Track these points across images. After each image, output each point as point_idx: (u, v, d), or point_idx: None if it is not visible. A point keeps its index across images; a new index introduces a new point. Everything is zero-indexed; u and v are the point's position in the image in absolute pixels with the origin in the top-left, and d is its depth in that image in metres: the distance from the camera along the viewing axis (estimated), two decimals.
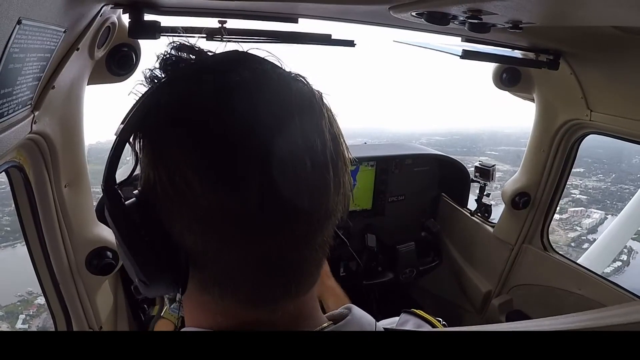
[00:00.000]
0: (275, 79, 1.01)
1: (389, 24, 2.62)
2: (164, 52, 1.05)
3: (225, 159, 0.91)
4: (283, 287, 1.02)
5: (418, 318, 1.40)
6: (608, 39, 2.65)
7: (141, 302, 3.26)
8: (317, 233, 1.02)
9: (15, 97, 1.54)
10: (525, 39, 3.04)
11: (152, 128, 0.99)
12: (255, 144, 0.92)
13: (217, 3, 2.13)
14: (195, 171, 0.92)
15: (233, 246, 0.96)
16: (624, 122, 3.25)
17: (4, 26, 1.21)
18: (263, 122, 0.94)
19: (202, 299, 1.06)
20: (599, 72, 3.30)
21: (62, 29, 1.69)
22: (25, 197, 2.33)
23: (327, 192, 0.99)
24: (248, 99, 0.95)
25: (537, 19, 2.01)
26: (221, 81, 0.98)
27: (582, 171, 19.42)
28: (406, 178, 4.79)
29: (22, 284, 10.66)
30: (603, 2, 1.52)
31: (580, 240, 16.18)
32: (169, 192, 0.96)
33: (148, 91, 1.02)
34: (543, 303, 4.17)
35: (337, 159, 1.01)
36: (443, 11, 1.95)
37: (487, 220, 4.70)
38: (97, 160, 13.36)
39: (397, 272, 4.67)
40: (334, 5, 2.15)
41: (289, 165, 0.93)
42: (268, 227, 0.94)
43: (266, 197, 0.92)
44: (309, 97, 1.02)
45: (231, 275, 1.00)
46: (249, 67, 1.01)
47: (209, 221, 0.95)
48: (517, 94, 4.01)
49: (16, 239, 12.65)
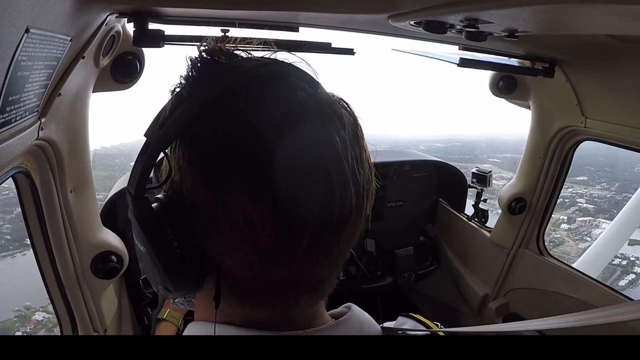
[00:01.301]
0: (323, 102, 1.00)
1: (387, 32, 2.63)
2: (198, 56, 1.02)
3: (286, 191, 0.91)
4: (305, 301, 1.05)
5: (415, 321, 1.40)
6: (602, 47, 2.66)
7: (144, 306, 3.27)
8: (343, 254, 1.05)
9: (23, 104, 1.55)
10: (521, 47, 3.05)
11: (203, 142, 0.97)
12: (313, 176, 0.93)
13: (220, 12, 2.14)
14: (255, 203, 0.91)
15: (275, 269, 0.97)
16: (618, 129, 3.26)
17: (12, 35, 1.22)
18: (320, 158, 0.94)
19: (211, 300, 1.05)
20: (594, 80, 3.31)
21: (69, 37, 1.70)
22: (31, 202, 2.33)
23: (357, 222, 1.02)
24: (306, 131, 0.94)
25: (533, 28, 2.02)
26: (277, 107, 0.96)
27: (585, 179, 19.30)
28: (405, 184, 4.79)
29: (20, 298, 10.39)
30: (597, 11, 1.52)
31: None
32: (219, 216, 0.94)
33: (188, 98, 0.97)
34: (539, 306, 4.18)
35: (359, 179, 1.00)
36: (440, 20, 1.95)
37: (484, 225, 4.71)
38: (102, 166, 13.24)
39: (396, 276, 4.66)
40: (334, 14, 2.16)
41: (336, 203, 0.94)
42: (307, 251, 0.95)
43: (313, 225, 0.93)
44: (354, 132, 1.02)
45: (264, 294, 1.02)
46: (300, 87, 1.01)
47: (257, 249, 0.94)
48: (513, 102, 4.02)
49: (16, 248, 12.22)
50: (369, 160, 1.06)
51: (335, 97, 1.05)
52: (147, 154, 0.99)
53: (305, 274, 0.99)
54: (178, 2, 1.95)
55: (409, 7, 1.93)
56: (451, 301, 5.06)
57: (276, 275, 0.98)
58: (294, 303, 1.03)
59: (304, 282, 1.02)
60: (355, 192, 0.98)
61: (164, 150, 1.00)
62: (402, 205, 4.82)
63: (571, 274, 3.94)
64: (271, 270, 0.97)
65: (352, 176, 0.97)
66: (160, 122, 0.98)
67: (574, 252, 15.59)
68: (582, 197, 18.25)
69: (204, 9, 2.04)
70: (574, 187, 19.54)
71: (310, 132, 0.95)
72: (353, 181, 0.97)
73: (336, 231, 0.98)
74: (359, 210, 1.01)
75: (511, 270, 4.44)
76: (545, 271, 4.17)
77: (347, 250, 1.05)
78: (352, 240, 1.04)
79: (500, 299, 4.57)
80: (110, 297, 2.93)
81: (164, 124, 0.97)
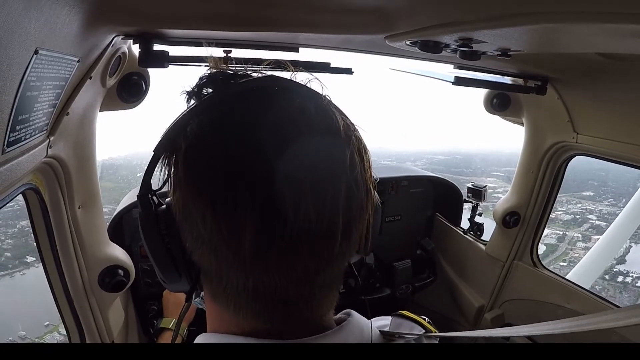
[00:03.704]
0: (304, 113, 1.00)
1: (385, 52, 2.64)
2: (199, 79, 1.07)
3: (230, 191, 0.92)
4: (288, 319, 1.04)
5: (410, 321, 1.41)
6: (592, 64, 2.68)
7: (151, 318, 3.26)
8: (322, 271, 1.01)
9: (32, 123, 1.55)
10: (514, 65, 3.06)
11: (179, 151, 1.00)
12: (297, 191, 0.92)
13: (222, 34, 2.14)
14: (203, 202, 0.95)
15: (232, 271, 0.97)
16: (608, 144, 3.26)
17: (22, 56, 1.22)
18: (271, 152, 0.93)
19: (215, 305, 1.08)
20: (584, 97, 3.32)
21: (76, 58, 1.71)
22: (41, 218, 2.34)
23: (334, 236, 0.98)
24: (294, 145, 0.94)
25: (525, 47, 2.03)
26: (242, 114, 0.98)
27: (592, 194, 19.23)
28: (402, 199, 4.80)
29: (16, 327, 9.95)
30: (586, 30, 1.53)
31: (613, 273, 15.67)
32: (182, 214, 1.00)
33: (181, 114, 1.04)
34: (533, 317, 4.16)
35: (351, 203, 1.00)
36: (435, 40, 1.96)
37: (479, 238, 4.71)
38: (109, 177, 13.10)
39: (394, 288, 4.66)
40: (333, 35, 2.17)
41: (292, 202, 0.92)
42: (263, 260, 0.94)
43: (265, 232, 0.92)
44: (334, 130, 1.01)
45: (233, 296, 1.02)
46: (277, 98, 1.02)
47: (210, 244, 0.96)
48: (507, 118, 4.02)
49: (15, 266, 11.71)
50: (367, 181, 1.05)
51: (335, 113, 1.04)
52: (150, 162, 1.08)
53: (282, 285, 0.98)
54: (182, 24, 1.96)
55: (405, 27, 1.94)
56: (448, 312, 5.04)
57: (257, 284, 0.98)
58: (285, 314, 1.03)
59: (287, 293, 1.00)
60: (344, 212, 0.97)
61: (159, 157, 1.06)
62: (400, 219, 4.82)
63: (564, 285, 3.93)
64: (252, 279, 0.97)
65: (343, 194, 0.97)
66: (162, 134, 1.05)
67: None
68: (592, 213, 18.12)
69: (207, 31, 2.04)
70: (582, 203, 19.48)
71: (298, 147, 0.95)
72: (343, 200, 0.97)
73: (316, 246, 0.96)
74: (346, 230, 0.99)
75: (506, 282, 4.44)
76: (539, 283, 4.17)
77: (322, 267, 1.00)
78: (329, 260, 1.00)
79: (495, 309, 4.56)
80: (117, 309, 2.93)
81: (161, 136, 1.05)
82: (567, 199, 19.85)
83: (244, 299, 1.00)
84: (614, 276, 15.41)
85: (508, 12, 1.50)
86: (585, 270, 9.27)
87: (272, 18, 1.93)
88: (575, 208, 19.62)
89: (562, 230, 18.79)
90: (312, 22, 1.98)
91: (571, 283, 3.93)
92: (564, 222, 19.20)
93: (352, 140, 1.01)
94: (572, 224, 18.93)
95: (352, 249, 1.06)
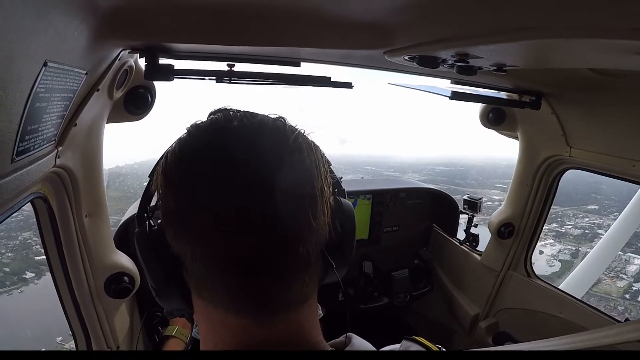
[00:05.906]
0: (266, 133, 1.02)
1: (384, 67, 2.64)
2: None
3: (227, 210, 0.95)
4: (258, 295, 1.00)
5: (419, 345, 1.37)
6: (585, 80, 2.68)
7: (155, 324, 3.26)
8: (295, 243, 0.99)
9: (41, 134, 1.55)
10: (510, 81, 3.07)
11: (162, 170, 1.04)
12: (258, 195, 0.95)
13: (226, 48, 2.15)
14: (184, 196, 0.99)
15: (207, 244, 0.98)
16: (600, 158, 3.27)
17: (31, 68, 1.22)
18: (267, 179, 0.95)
19: (204, 309, 1.07)
20: (578, 111, 3.33)
21: (84, 71, 1.71)
22: (49, 226, 2.34)
23: (303, 203, 1.00)
24: (258, 155, 0.98)
25: (520, 63, 2.03)
26: (215, 141, 1.01)
27: (597, 208, 19.11)
28: (400, 210, 4.83)
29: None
30: (580, 47, 1.53)
31: (633, 292, 15.39)
32: (166, 211, 1.03)
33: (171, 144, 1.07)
34: (527, 325, 4.18)
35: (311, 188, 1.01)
36: (433, 55, 1.97)
37: (475, 249, 4.71)
38: (115, 186, 12.87)
39: (392, 296, 4.67)
40: (333, 50, 2.17)
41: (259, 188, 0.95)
42: (238, 227, 0.95)
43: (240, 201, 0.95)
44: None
45: (205, 277, 1.01)
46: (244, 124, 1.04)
47: (189, 223, 0.99)
48: (502, 132, 4.03)
49: (14, 283, 11.00)
50: (322, 187, 1.04)
51: (285, 125, 1.05)
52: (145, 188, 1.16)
53: (236, 254, 0.97)
54: (187, 38, 1.97)
55: (404, 43, 1.94)
56: (444, 320, 5.05)
57: (209, 252, 0.98)
58: (246, 295, 1.00)
59: (240, 264, 0.98)
60: (306, 212, 0.99)
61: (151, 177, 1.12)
62: (398, 230, 4.84)
63: (557, 295, 3.93)
64: (204, 247, 0.98)
65: (308, 198, 1.00)
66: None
67: (614, 292, 14.94)
68: (601, 227, 17.97)
69: (211, 45, 2.05)
70: (589, 217, 19.36)
71: (261, 156, 0.98)
72: (308, 202, 0.99)
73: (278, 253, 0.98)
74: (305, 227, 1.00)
75: (501, 292, 4.45)
76: (532, 292, 4.17)
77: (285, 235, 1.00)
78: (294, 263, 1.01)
79: (490, 318, 4.56)
80: (122, 315, 2.92)
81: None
82: (574, 212, 19.74)
83: (214, 279, 1.01)
84: (634, 295, 15.22)
85: (503, 27, 1.50)
86: (578, 280, 9.26)
87: (275, 33, 1.94)
88: (583, 222, 19.50)
89: (574, 245, 18.68)
90: (313, 38, 1.99)
91: (564, 293, 3.93)
92: (575, 237, 19.08)
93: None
94: (583, 239, 18.80)
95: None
